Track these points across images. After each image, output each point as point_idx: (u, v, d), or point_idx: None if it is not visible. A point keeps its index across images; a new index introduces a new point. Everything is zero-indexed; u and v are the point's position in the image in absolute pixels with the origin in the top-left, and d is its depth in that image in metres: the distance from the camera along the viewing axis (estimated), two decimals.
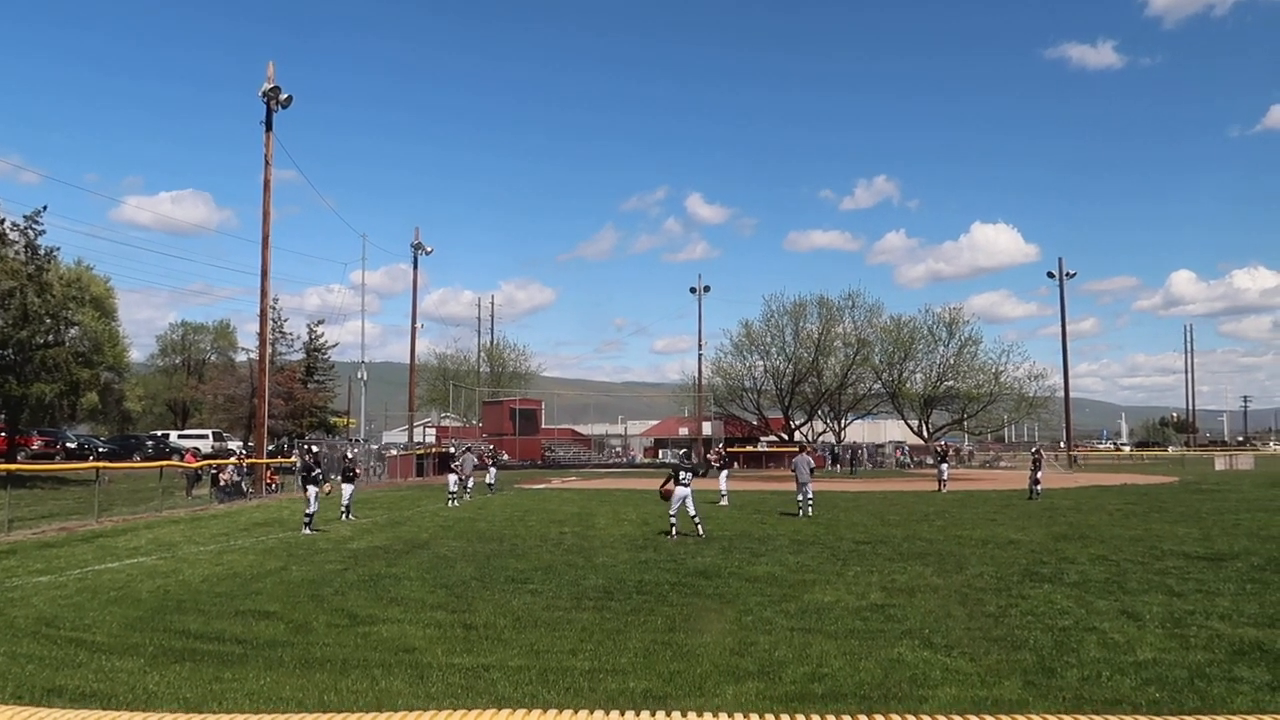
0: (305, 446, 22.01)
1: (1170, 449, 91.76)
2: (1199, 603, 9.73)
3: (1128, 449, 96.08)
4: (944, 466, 32.91)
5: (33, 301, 35.07)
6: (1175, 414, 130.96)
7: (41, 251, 36.38)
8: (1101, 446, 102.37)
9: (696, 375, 68.89)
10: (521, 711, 2.36)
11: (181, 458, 37.22)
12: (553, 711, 2.44)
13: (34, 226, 35.62)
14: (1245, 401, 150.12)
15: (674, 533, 16.38)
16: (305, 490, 19.16)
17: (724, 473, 27.06)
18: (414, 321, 54.56)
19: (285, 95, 32.24)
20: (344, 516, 20.71)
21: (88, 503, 22.54)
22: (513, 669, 7.14)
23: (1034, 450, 35.15)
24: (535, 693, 6.50)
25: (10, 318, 35.17)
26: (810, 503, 20.97)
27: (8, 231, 34.54)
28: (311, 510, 18.53)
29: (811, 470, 21.87)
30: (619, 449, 73.18)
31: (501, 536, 17.02)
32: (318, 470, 19.39)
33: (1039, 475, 27.77)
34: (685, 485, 16.66)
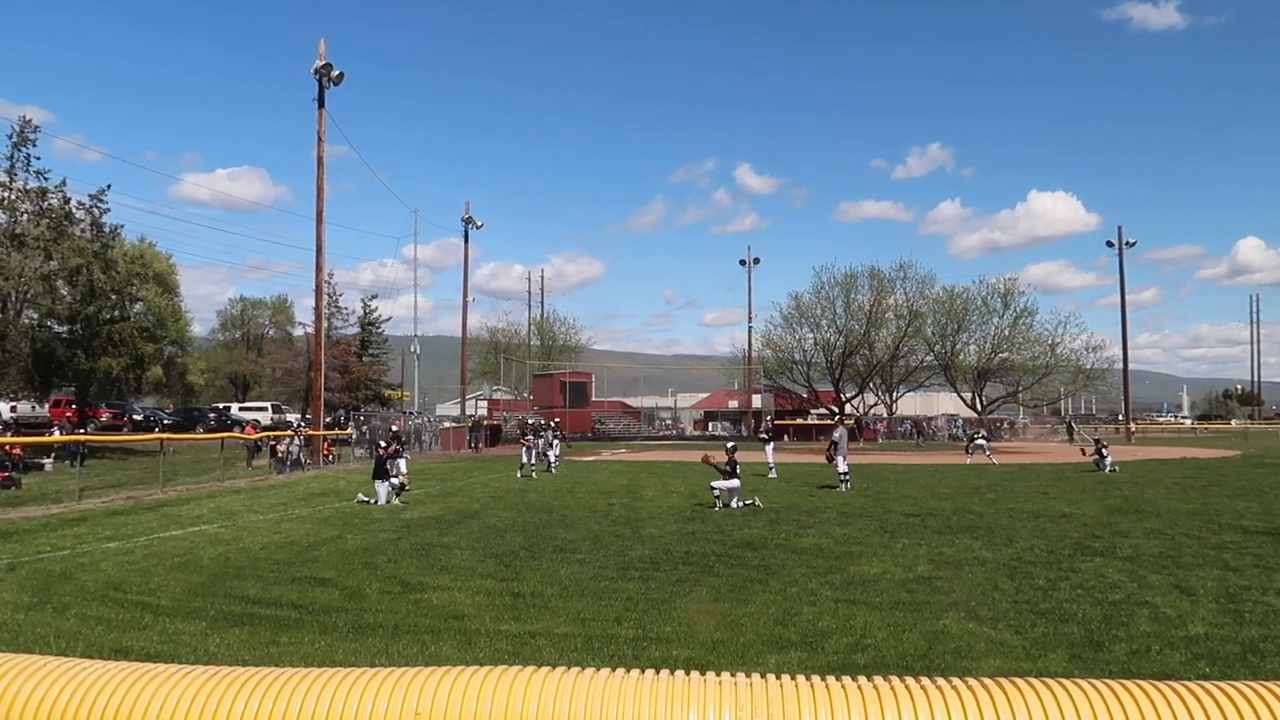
0: (378, 441, 22.07)
1: (1233, 422, 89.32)
2: (1255, 578, 9.54)
3: (1188, 422, 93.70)
4: (981, 442, 33.03)
5: (99, 278, 36.17)
6: (1239, 386, 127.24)
7: (106, 229, 37.46)
8: (1161, 419, 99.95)
9: (746, 348, 68.71)
10: (545, 669, 2.44)
11: (242, 430, 38.20)
12: (575, 670, 2.51)
13: (99, 205, 36.70)
14: None
15: (719, 505, 16.53)
16: (375, 484, 18.47)
17: (770, 445, 27.00)
18: (465, 295, 55.18)
19: (337, 72, 32.57)
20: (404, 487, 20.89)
21: (153, 473, 23.29)
22: (559, 636, 7.28)
23: (1067, 420, 35.27)
24: (580, 659, 6.62)
25: (78, 294, 36.33)
26: (845, 478, 20.80)
27: (74, 210, 35.57)
28: (381, 502, 17.95)
29: (846, 442, 21.84)
30: (669, 421, 73.41)
31: (550, 508, 17.24)
32: (389, 462, 18.93)
33: (1094, 448, 27.33)
34: (736, 477, 16.91)
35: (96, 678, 2.54)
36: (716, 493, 16.81)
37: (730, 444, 18.21)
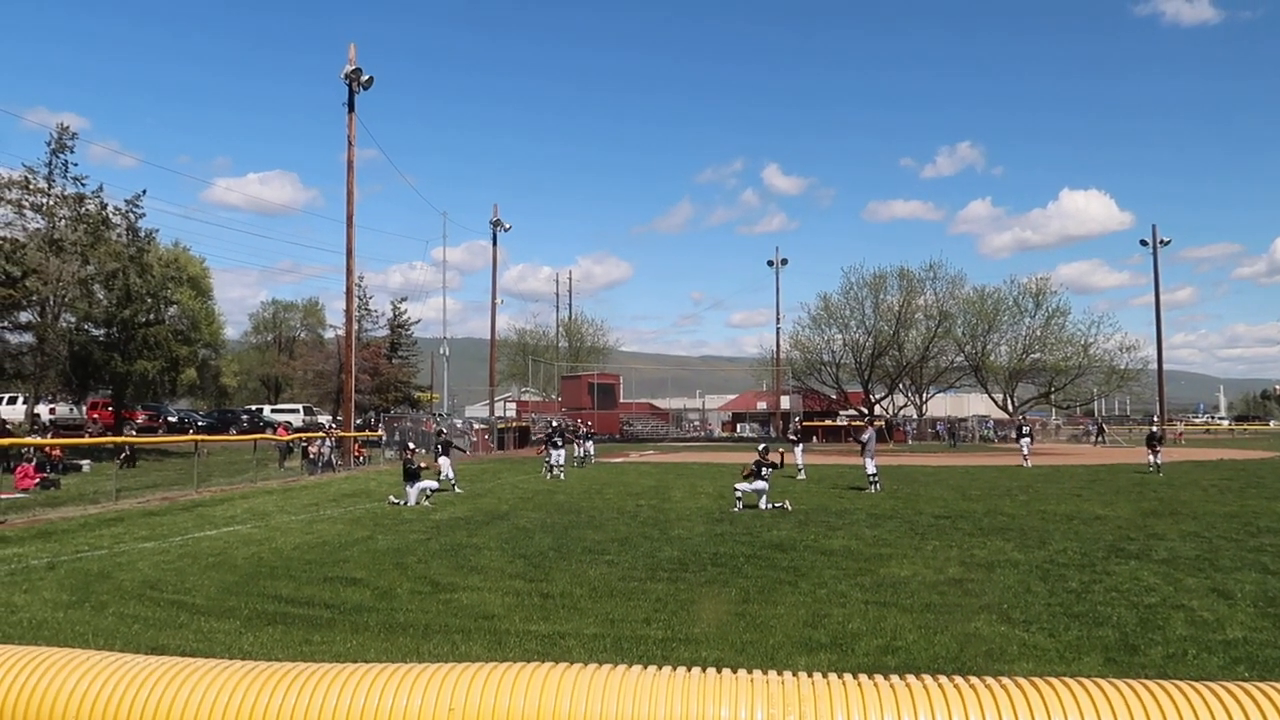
0: (407, 444, 22.49)
1: (1272, 423, 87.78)
2: None
3: (1225, 423, 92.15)
4: (1024, 441, 32.20)
5: (134, 282, 36.70)
6: (1278, 387, 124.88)
7: (141, 234, 38.04)
8: (1197, 420, 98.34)
9: (774, 349, 68.45)
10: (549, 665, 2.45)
11: (274, 431, 38.59)
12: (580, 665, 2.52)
13: (134, 210, 37.27)
14: None
15: (739, 505, 16.54)
16: (407, 486, 18.57)
17: (799, 447, 26.88)
18: (494, 298, 55.36)
19: (366, 77, 32.84)
20: (453, 489, 21.16)
21: (188, 474, 23.59)
22: (588, 637, 7.29)
23: (1098, 422, 34.42)
24: (609, 660, 6.60)
25: (114, 298, 36.90)
26: (875, 479, 20.64)
27: (111, 215, 36.14)
28: (411, 504, 18.03)
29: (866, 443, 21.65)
30: (697, 423, 73.27)
31: (579, 509, 17.28)
32: (415, 466, 19.03)
33: (1157, 448, 26.97)
34: (764, 479, 16.87)
35: (138, 671, 2.59)
36: (739, 494, 16.80)
37: (762, 445, 18.20)
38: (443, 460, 22.16)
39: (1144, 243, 62.05)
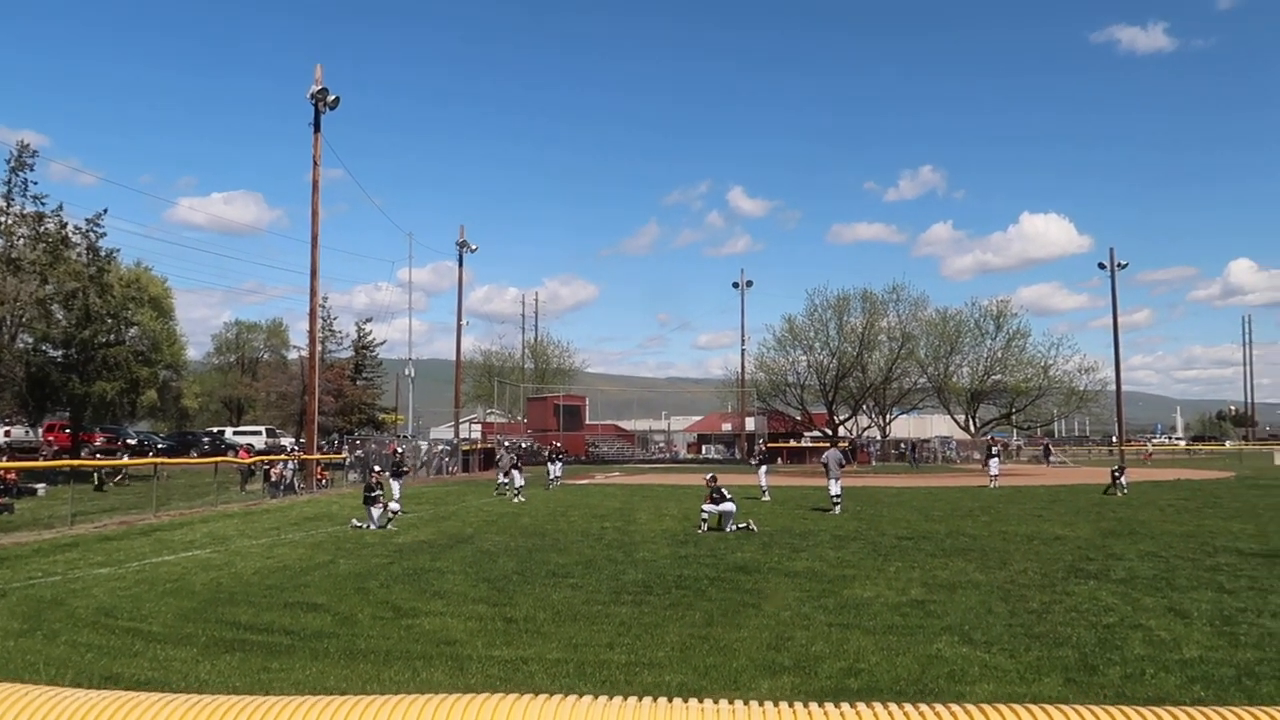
0: (370, 466, 22.19)
1: (1227, 444, 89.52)
2: (1251, 600, 9.54)
3: (1182, 443, 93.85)
4: (994, 461, 32.35)
5: (94, 302, 36.07)
6: (1233, 407, 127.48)
7: (102, 253, 37.41)
8: (1155, 441, 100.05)
9: (739, 370, 68.67)
10: (544, 697, 2.43)
11: (236, 454, 38.01)
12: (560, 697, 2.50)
13: (95, 229, 36.66)
14: None
15: (704, 527, 16.55)
16: (368, 508, 18.40)
17: (764, 468, 26.92)
18: (459, 319, 55.07)
19: (333, 97, 32.68)
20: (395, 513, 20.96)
21: (146, 497, 23.15)
22: (551, 661, 7.24)
23: (1045, 443, 34.67)
24: (572, 685, 6.58)
25: (73, 318, 36.25)
26: (838, 501, 20.68)
27: (70, 234, 35.53)
28: (374, 527, 17.86)
29: (841, 465, 21.69)
30: (662, 444, 73.19)
31: (543, 531, 17.18)
32: (378, 491, 18.88)
33: (1116, 470, 27.35)
34: (729, 501, 16.88)
35: (79, 708, 2.52)
36: (705, 515, 16.82)
37: (709, 475, 18.28)
38: (393, 482, 21.95)
39: (1102, 266, 63.15)
